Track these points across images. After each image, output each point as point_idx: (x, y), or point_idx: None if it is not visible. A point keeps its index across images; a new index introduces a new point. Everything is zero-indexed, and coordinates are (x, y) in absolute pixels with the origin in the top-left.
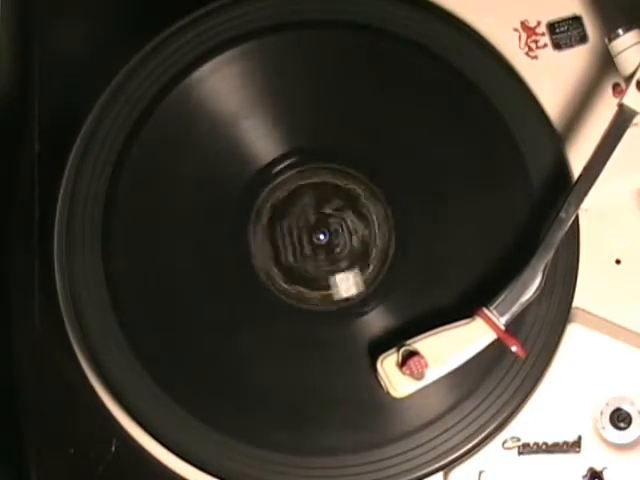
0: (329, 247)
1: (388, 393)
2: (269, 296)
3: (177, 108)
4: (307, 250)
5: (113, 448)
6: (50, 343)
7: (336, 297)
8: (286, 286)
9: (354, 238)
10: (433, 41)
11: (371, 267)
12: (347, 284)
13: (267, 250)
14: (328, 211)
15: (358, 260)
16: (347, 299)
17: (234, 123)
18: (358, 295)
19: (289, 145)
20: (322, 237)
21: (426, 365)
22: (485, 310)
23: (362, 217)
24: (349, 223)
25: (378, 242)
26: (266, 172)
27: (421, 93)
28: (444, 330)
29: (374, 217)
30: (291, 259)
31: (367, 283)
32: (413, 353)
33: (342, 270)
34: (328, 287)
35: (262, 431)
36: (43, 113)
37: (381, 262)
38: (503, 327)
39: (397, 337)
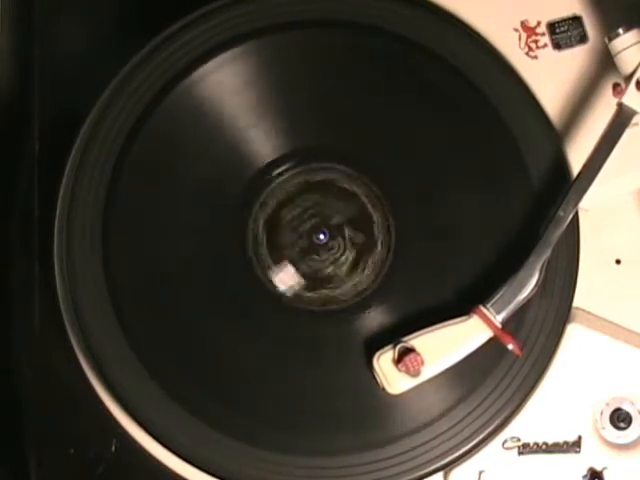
0: (329, 247)
1: (384, 389)
2: (269, 296)
3: (177, 108)
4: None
5: (113, 448)
6: (50, 343)
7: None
8: None
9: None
10: (433, 41)
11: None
12: (287, 277)
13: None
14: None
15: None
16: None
17: (234, 123)
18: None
19: (289, 145)
20: (322, 237)
21: (422, 362)
22: (482, 308)
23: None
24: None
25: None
26: (266, 172)
27: (421, 93)
28: (441, 327)
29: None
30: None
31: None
32: (409, 350)
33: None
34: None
35: (262, 431)
36: (43, 113)
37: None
38: (499, 325)
39: (396, 335)
